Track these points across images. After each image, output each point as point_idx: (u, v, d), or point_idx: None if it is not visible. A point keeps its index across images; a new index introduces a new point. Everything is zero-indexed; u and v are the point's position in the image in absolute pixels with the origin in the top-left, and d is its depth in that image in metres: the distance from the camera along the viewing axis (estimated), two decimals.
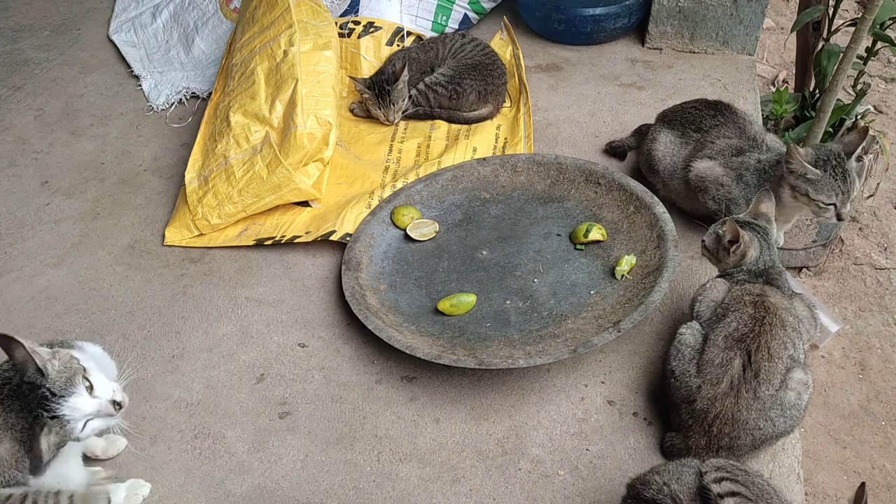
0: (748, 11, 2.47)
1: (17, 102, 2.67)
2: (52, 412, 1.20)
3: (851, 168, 1.69)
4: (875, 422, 2.12)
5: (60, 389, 1.20)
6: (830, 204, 1.70)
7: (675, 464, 1.25)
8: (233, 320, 1.87)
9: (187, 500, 1.52)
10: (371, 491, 1.51)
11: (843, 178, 1.68)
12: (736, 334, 1.45)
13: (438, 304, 1.80)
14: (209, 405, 1.69)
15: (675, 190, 1.99)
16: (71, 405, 1.21)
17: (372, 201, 2.07)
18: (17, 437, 1.27)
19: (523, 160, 2.11)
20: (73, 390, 1.21)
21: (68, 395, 1.20)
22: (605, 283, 1.82)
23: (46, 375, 1.21)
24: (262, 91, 2.14)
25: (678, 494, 1.15)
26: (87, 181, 2.32)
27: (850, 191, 1.69)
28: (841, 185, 1.68)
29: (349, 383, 1.72)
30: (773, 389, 1.41)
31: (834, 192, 1.69)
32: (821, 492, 1.97)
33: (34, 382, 1.21)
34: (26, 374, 1.22)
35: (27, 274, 2.03)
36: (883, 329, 2.36)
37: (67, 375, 1.22)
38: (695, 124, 1.98)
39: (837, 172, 1.68)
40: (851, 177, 1.68)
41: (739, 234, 1.56)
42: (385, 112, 2.34)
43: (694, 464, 1.23)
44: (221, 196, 2.05)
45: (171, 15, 2.89)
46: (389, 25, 2.56)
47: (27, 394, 1.22)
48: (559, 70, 2.61)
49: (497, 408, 1.64)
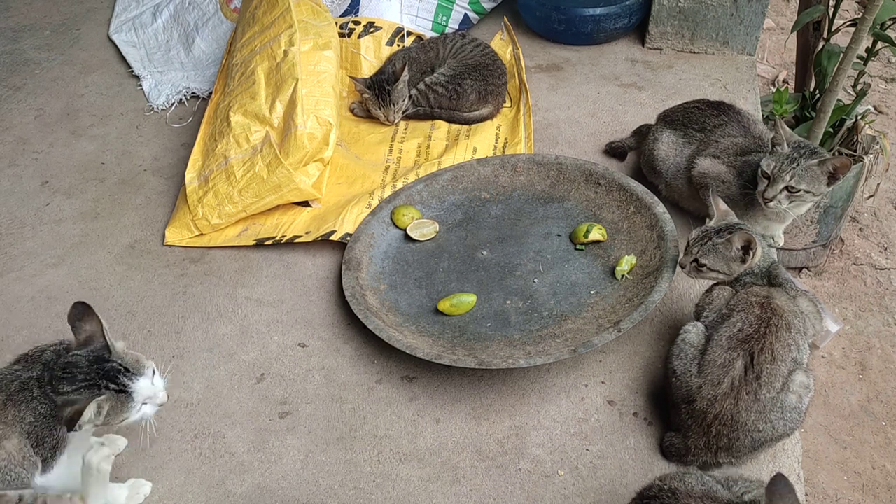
0: (748, 11, 2.47)
1: (18, 102, 2.67)
2: (121, 386, 1.29)
3: (803, 165, 1.68)
4: (875, 422, 2.12)
5: (133, 368, 1.32)
6: (766, 176, 1.71)
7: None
8: (233, 320, 1.87)
9: (187, 500, 1.52)
10: (371, 491, 1.51)
11: (791, 160, 1.68)
12: (740, 335, 1.45)
13: (439, 304, 1.80)
14: (209, 405, 1.69)
15: (678, 190, 1.99)
16: (140, 385, 1.32)
17: (372, 201, 2.07)
18: (25, 431, 1.29)
19: (523, 160, 2.11)
20: (143, 372, 1.33)
21: (139, 376, 1.32)
22: (606, 283, 1.82)
23: (113, 352, 1.31)
24: (263, 91, 2.14)
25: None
26: (88, 181, 2.32)
27: (785, 174, 1.68)
28: (785, 163, 1.68)
29: (349, 383, 1.72)
30: (774, 392, 1.41)
31: (774, 163, 1.69)
32: (821, 492, 1.97)
33: (102, 356, 1.30)
34: (92, 345, 1.31)
35: (27, 274, 2.03)
36: (883, 329, 2.36)
37: (135, 358, 1.34)
38: (698, 124, 1.98)
39: (794, 156, 1.69)
40: (797, 170, 1.68)
41: (752, 238, 1.54)
42: (385, 112, 2.34)
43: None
44: (221, 196, 2.05)
45: (171, 15, 2.89)
46: (390, 25, 2.56)
47: (87, 365, 1.29)
48: (559, 70, 2.61)
49: (497, 408, 1.64)
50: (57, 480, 1.34)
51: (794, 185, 1.69)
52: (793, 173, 1.68)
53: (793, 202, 1.73)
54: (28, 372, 1.33)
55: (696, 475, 1.21)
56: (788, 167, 1.68)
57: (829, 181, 1.69)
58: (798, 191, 1.70)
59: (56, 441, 1.32)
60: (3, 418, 1.29)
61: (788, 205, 1.73)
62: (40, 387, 1.31)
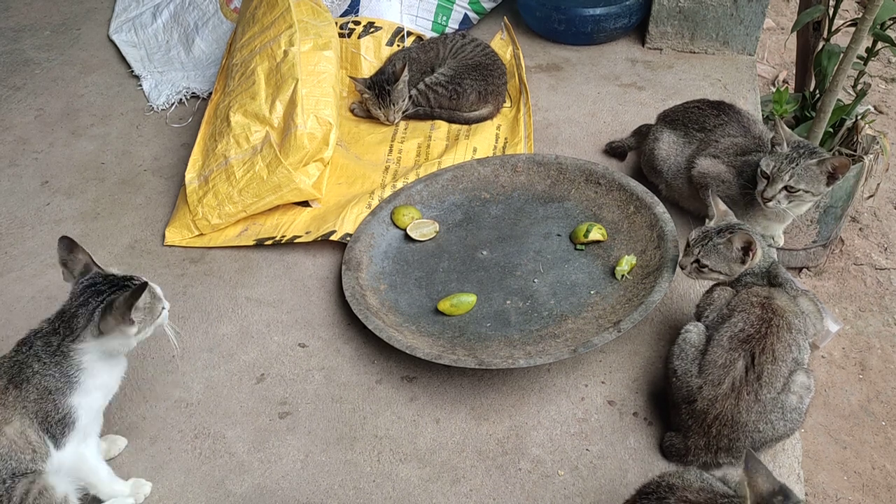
0: (748, 11, 2.47)
1: (18, 102, 2.67)
2: (154, 293, 1.41)
3: (802, 165, 1.68)
4: (875, 422, 2.12)
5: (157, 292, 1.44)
6: (765, 176, 1.71)
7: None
8: (233, 320, 1.87)
9: (187, 500, 1.52)
10: (371, 491, 1.51)
11: (790, 160, 1.68)
12: (742, 335, 1.45)
13: (438, 304, 1.80)
14: (209, 405, 1.69)
15: (679, 190, 1.99)
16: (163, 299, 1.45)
17: (372, 201, 2.07)
18: (31, 411, 1.31)
19: (523, 160, 2.11)
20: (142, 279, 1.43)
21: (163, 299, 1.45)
22: (606, 283, 1.82)
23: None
24: (263, 91, 2.14)
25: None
26: (88, 181, 2.32)
27: (784, 174, 1.69)
28: (784, 162, 1.68)
29: (349, 383, 1.72)
30: (774, 392, 1.41)
31: (773, 163, 1.70)
32: (821, 492, 1.97)
33: (107, 273, 1.39)
34: (91, 271, 1.40)
35: (27, 274, 2.03)
36: (883, 329, 2.36)
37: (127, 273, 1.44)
38: (698, 124, 1.98)
39: (793, 155, 1.69)
40: (796, 170, 1.68)
41: (753, 239, 1.54)
42: (385, 112, 2.34)
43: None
44: (222, 196, 2.05)
45: (171, 15, 2.89)
46: (389, 25, 2.56)
47: (102, 279, 1.37)
48: (559, 70, 2.61)
49: (497, 408, 1.64)
50: (71, 461, 1.37)
51: (793, 185, 1.69)
52: (792, 173, 1.68)
53: (792, 202, 1.73)
54: (26, 352, 1.35)
55: (695, 472, 1.22)
56: (787, 167, 1.68)
57: (828, 181, 1.69)
58: (797, 191, 1.70)
59: (63, 415, 1.34)
60: (4, 401, 1.31)
61: (788, 205, 1.73)
62: (40, 360, 1.34)
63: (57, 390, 1.33)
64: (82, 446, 1.39)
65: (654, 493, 1.19)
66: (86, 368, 1.35)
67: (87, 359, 1.35)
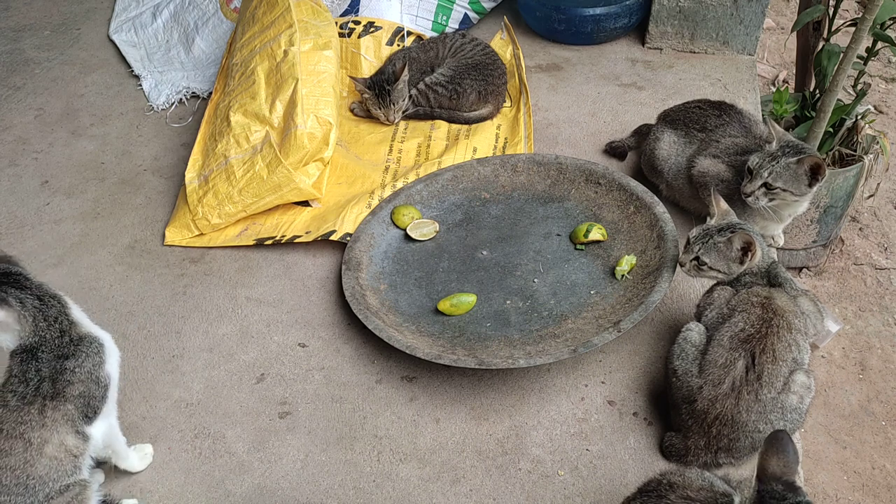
0: (748, 11, 2.47)
1: (18, 102, 2.67)
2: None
3: (782, 163, 1.69)
4: (875, 422, 2.12)
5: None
6: (749, 172, 1.73)
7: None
8: (233, 320, 1.87)
9: (187, 500, 1.52)
10: (371, 491, 1.51)
11: (772, 158, 1.69)
12: (742, 335, 1.45)
13: (438, 304, 1.80)
14: (209, 405, 1.69)
15: (679, 190, 1.99)
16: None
17: (372, 201, 2.07)
18: (70, 410, 1.34)
19: (523, 160, 2.11)
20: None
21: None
22: (606, 283, 1.82)
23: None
24: (263, 91, 2.14)
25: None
26: (87, 181, 2.32)
27: (764, 171, 1.69)
28: (766, 160, 1.69)
29: (349, 383, 1.72)
30: (774, 392, 1.41)
31: (758, 159, 1.71)
32: (821, 492, 1.97)
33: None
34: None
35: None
36: (883, 329, 2.36)
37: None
38: (699, 124, 1.98)
39: (777, 154, 1.70)
40: (776, 167, 1.69)
41: (753, 240, 1.54)
42: (385, 112, 2.34)
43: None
44: (221, 196, 2.05)
45: (171, 15, 2.89)
46: (390, 25, 2.56)
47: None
48: (559, 70, 2.61)
49: (497, 408, 1.64)
50: (104, 430, 1.41)
51: (771, 183, 1.69)
52: (770, 170, 1.68)
53: (773, 200, 1.72)
54: (34, 362, 1.34)
55: (696, 471, 1.22)
56: (768, 164, 1.69)
57: (810, 182, 1.69)
58: (775, 188, 1.70)
59: (105, 385, 1.39)
60: (43, 422, 1.31)
61: (767, 202, 1.73)
62: (56, 357, 1.35)
63: (95, 365, 1.39)
64: (111, 417, 1.44)
65: (655, 491, 1.19)
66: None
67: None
